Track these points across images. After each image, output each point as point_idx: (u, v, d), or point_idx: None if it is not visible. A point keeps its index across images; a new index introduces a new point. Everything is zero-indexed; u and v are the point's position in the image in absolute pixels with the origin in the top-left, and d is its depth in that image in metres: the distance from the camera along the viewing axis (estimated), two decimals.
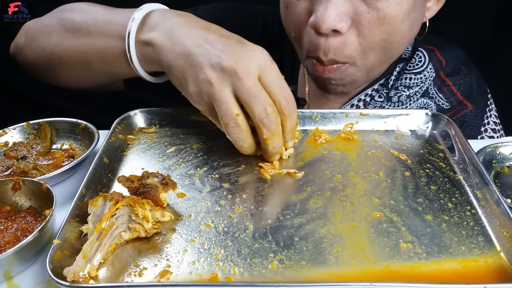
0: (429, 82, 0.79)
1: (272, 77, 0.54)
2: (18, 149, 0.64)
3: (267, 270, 0.45)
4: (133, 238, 0.48)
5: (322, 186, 0.57)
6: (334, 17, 0.61)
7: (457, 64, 0.81)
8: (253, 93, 0.52)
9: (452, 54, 0.82)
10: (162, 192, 0.51)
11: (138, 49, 0.60)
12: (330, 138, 0.66)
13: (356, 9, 0.63)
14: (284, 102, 0.55)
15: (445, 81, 0.79)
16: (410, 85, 0.79)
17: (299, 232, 0.49)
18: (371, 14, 0.63)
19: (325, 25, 0.62)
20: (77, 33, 0.66)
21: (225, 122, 0.55)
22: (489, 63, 1.17)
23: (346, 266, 0.45)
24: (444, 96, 0.79)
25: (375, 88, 0.80)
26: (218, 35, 0.56)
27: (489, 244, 0.48)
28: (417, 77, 0.79)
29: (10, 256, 0.44)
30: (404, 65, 0.80)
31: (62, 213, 0.49)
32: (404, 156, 0.62)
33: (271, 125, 0.54)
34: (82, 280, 0.43)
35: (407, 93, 0.79)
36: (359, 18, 0.63)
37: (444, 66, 0.80)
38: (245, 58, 0.53)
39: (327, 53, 0.66)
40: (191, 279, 0.44)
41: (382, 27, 0.64)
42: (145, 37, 0.59)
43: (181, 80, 0.56)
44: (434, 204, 0.54)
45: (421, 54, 0.80)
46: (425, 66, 0.79)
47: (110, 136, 0.63)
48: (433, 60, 0.80)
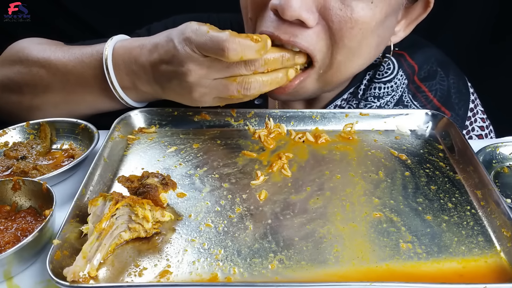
0: (401, 89, 0.75)
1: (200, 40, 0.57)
2: (18, 149, 0.64)
3: (267, 270, 0.45)
4: (133, 238, 0.48)
5: (322, 186, 0.57)
6: (300, 5, 0.56)
7: (433, 67, 0.77)
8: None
9: (425, 56, 0.77)
10: (162, 192, 0.51)
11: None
12: (330, 138, 0.66)
13: (327, 3, 0.57)
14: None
15: (419, 87, 0.75)
16: (380, 95, 0.74)
17: (299, 232, 0.49)
18: (343, 12, 0.57)
19: (289, 11, 0.55)
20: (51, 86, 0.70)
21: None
22: (489, 65, 1.17)
23: (346, 266, 0.45)
24: (419, 104, 0.75)
25: (345, 98, 0.76)
26: (150, 42, 0.63)
27: (489, 244, 0.48)
28: (387, 86, 0.74)
29: (10, 256, 0.44)
30: (373, 73, 0.75)
31: (62, 213, 0.49)
32: (404, 156, 0.62)
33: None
34: (82, 280, 0.43)
35: (377, 103, 0.74)
36: (329, 14, 0.58)
37: (417, 71, 0.76)
38: (174, 31, 0.60)
39: (289, 34, 0.59)
40: (191, 279, 0.44)
41: (353, 31, 0.58)
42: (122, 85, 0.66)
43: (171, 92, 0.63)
44: (434, 204, 0.54)
45: (389, 61, 0.75)
46: (394, 73, 0.75)
47: (110, 136, 0.63)
48: (404, 66, 0.76)
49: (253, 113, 0.69)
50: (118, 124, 0.66)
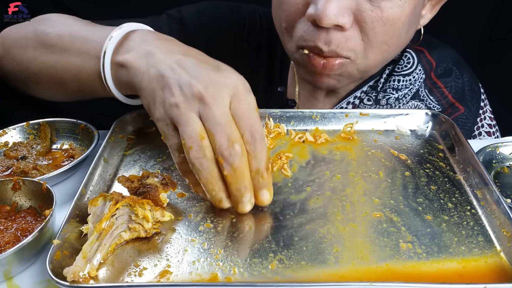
0: (419, 84, 0.78)
1: (242, 106, 0.48)
2: (18, 149, 0.64)
3: (267, 270, 0.45)
4: (133, 238, 0.48)
5: (322, 186, 0.57)
6: (336, 11, 0.59)
7: (449, 65, 0.80)
8: (218, 121, 0.47)
9: (443, 54, 0.81)
10: (162, 192, 0.51)
11: (113, 70, 0.56)
12: (330, 138, 0.66)
13: (359, 6, 0.61)
14: (248, 135, 0.48)
15: (436, 83, 0.78)
16: (399, 87, 0.78)
17: (299, 232, 0.49)
18: (374, 12, 0.61)
19: (327, 19, 0.59)
20: (51, 49, 0.63)
21: (188, 146, 0.47)
22: (490, 62, 1.17)
23: (346, 266, 0.45)
24: (435, 99, 0.78)
25: (364, 90, 0.79)
26: (195, 59, 0.52)
27: (489, 244, 0.48)
28: (406, 79, 0.78)
29: (10, 256, 0.44)
30: (393, 67, 0.79)
31: (62, 213, 0.49)
32: (404, 156, 0.62)
33: (233, 158, 0.46)
34: (82, 280, 0.43)
35: (395, 95, 0.77)
36: (362, 16, 0.62)
37: (434, 68, 0.79)
38: (216, 84, 0.48)
39: (329, 44, 0.63)
40: (191, 279, 0.44)
41: (385, 27, 0.63)
42: (120, 59, 0.55)
43: (150, 103, 0.51)
44: (434, 204, 0.54)
45: (409, 55, 0.79)
46: (413, 67, 0.78)
47: (110, 136, 0.63)
48: (422, 61, 0.79)
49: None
50: (118, 124, 0.66)
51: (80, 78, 0.61)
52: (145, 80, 0.52)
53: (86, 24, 0.65)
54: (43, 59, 0.64)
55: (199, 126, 0.47)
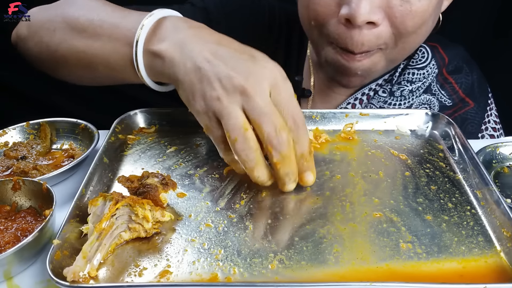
0: (431, 78, 0.80)
1: (282, 95, 0.50)
2: (18, 149, 0.64)
3: (267, 270, 0.45)
4: (133, 238, 0.48)
5: (322, 186, 0.57)
6: (369, 10, 0.62)
7: (460, 63, 0.82)
8: (263, 111, 0.48)
9: (454, 52, 0.83)
10: (162, 192, 0.51)
11: (146, 59, 0.57)
12: (330, 138, 0.66)
13: (389, 2, 0.64)
14: (291, 121, 0.50)
15: (447, 79, 0.80)
16: (413, 80, 0.80)
17: (299, 232, 0.49)
18: (404, 7, 0.64)
19: (361, 17, 0.62)
20: (82, 33, 0.63)
21: (232, 138, 0.49)
22: (492, 59, 1.17)
23: (346, 266, 0.45)
24: (446, 93, 0.79)
25: (379, 83, 0.81)
26: (230, 49, 0.52)
27: (489, 244, 0.48)
28: (420, 72, 0.80)
29: (10, 256, 0.44)
30: (407, 61, 0.81)
31: (62, 213, 0.49)
32: (404, 156, 0.62)
33: (281, 146, 0.49)
34: (82, 280, 0.43)
35: (409, 87, 0.79)
36: (392, 11, 0.64)
37: (446, 64, 0.81)
38: (256, 75, 0.49)
39: (360, 45, 0.66)
40: (191, 279, 0.44)
41: (414, 20, 0.65)
42: (154, 48, 0.55)
43: (189, 96, 0.52)
44: (434, 204, 0.54)
45: (424, 50, 0.81)
46: (428, 61, 0.80)
47: (110, 136, 0.63)
48: (436, 56, 0.81)
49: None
50: (118, 124, 0.66)
51: (110, 64, 0.62)
52: (181, 72, 0.53)
53: (115, 9, 0.64)
54: (73, 42, 0.64)
55: (242, 118, 0.49)
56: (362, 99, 0.81)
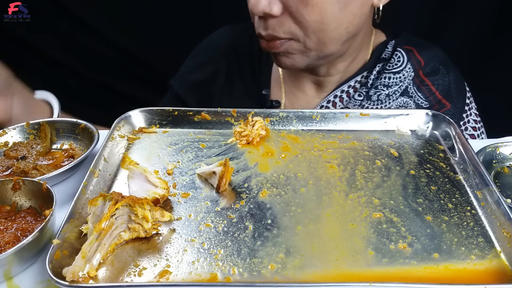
0: (408, 81, 0.81)
1: None
2: (18, 149, 0.64)
3: (266, 270, 0.45)
4: (133, 238, 0.48)
5: (322, 186, 0.57)
6: (265, 3, 0.68)
7: (436, 64, 0.83)
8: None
9: (431, 54, 0.84)
10: None
11: None
12: (330, 138, 0.66)
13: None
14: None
15: (424, 81, 0.81)
16: (389, 84, 0.81)
17: (299, 232, 0.49)
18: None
19: (256, 9, 0.69)
20: None
21: None
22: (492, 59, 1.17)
23: (346, 266, 0.45)
24: (423, 95, 0.81)
25: (352, 85, 0.83)
26: None
27: (489, 245, 0.48)
28: (396, 76, 0.81)
29: (10, 256, 0.44)
30: (383, 65, 0.82)
31: (62, 213, 0.49)
32: (404, 156, 0.62)
33: None
34: (82, 280, 0.43)
35: (386, 92, 0.81)
36: (288, 2, 0.68)
37: (423, 66, 0.82)
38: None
39: (265, 29, 0.72)
40: (191, 279, 0.44)
41: (309, 8, 0.67)
42: None
43: None
44: (434, 204, 0.53)
45: (400, 54, 0.82)
46: (403, 65, 0.82)
47: (110, 136, 0.63)
48: (412, 60, 0.82)
49: (253, 113, 0.69)
50: (118, 124, 0.66)
51: None
52: None
53: None
54: None
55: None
56: (335, 101, 0.83)
